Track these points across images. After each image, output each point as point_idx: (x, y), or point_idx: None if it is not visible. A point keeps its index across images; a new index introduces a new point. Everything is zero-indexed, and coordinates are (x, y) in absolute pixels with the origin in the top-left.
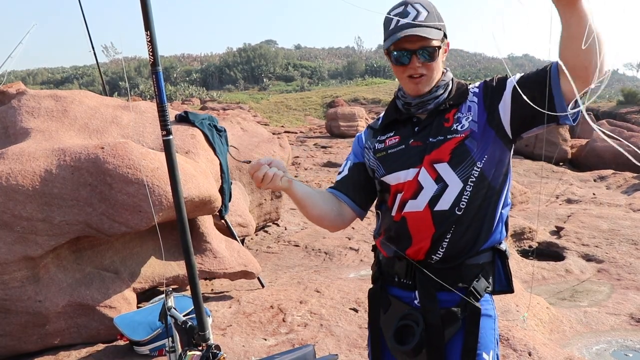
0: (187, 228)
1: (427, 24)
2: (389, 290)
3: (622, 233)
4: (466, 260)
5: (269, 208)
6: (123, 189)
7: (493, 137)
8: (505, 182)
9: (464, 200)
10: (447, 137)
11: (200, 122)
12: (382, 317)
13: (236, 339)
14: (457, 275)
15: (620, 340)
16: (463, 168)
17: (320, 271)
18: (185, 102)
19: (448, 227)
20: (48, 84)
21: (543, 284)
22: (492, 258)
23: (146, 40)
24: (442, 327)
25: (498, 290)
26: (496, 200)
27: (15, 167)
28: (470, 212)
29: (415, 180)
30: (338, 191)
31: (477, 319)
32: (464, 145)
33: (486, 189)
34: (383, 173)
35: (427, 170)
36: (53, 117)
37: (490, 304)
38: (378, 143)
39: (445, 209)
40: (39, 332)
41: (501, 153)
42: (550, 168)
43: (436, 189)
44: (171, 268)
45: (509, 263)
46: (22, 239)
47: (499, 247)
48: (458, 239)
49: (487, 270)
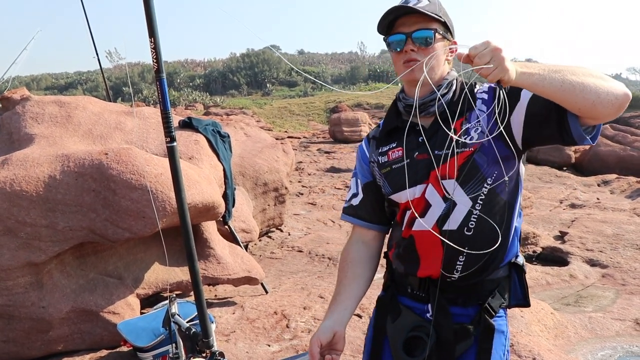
0: (190, 234)
1: (426, 9)
2: (400, 299)
3: (626, 238)
4: (484, 277)
5: (272, 213)
6: (127, 194)
7: (504, 149)
8: (517, 194)
9: (473, 220)
10: (456, 151)
11: (203, 127)
12: (390, 326)
13: (240, 345)
14: (473, 291)
15: (625, 346)
16: (472, 185)
17: (324, 277)
18: (188, 108)
19: (459, 250)
20: (52, 89)
21: (547, 289)
22: (508, 272)
23: (150, 48)
24: (454, 342)
25: (514, 304)
26: (510, 215)
27: (20, 172)
28: (483, 232)
29: (422, 198)
30: (361, 220)
31: (490, 336)
32: (473, 160)
33: (498, 205)
34: (390, 191)
35: (435, 187)
36: (57, 123)
37: (504, 319)
38: (381, 156)
39: (453, 229)
40: (43, 338)
41: (512, 165)
42: (554, 173)
43: (444, 207)
44: (175, 274)
45: (525, 277)
46: (25, 245)
47: (516, 261)
48: (473, 260)
49: (504, 285)
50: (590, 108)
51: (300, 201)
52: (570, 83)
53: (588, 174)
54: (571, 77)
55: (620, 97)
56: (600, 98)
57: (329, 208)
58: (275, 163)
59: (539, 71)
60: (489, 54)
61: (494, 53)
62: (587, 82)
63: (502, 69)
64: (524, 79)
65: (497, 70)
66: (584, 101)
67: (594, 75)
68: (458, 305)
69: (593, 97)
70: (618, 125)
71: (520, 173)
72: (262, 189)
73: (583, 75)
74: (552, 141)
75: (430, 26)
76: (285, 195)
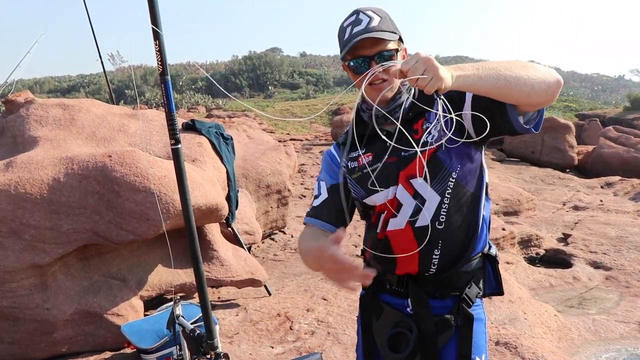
0: (195, 236)
1: (381, 28)
2: (381, 296)
3: (630, 240)
4: (459, 269)
5: (275, 216)
6: (130, 197)
7: (464, 145)
8: (482, 185)
9: (443, 213)
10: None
11: (207, 130)
12: (375, 324)
13: (243, 347)
14: (450, 283)
15: (630, 349)
16: (438, 181)
17: (327, 279)
18: (191, 110)
19: (433, 242)
20: (55, 92)
21: (551, 291)
22: (482, 264)
23: (155, 50)
24: (435, 334)
25: (489, 293)
26: (477, 206)
27: (24, 175)
28: (453, 224)
29: (394, 198)
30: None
31: (470, 325)
32: (437, 157)
33: (464, 197)
34: (363, 195)
35: (404, 187)
36: (61, 126)
37: (481, 307)
38: (351, 162)
39: (425, 225)
40: (47, 340)
41: (473, 158)
42: (557, 175)
43: (415, 204)
44: (178, 276)
45: (498, 267)
46: (30, 247)
47: (489, 252)
48: (449, 252)
49: (478, 276)
50: (526, 99)
51: (303, 203)
52: (505, 79)
53: (591, 176)
54: (506, 73)
55: (552, 85)
56: (534, 89)
57: None
58: (278, 165)
59: (474, 71)
60: (422, 66)
61: (426, 64)
62: (520, 75)
63: (437, 79)
64: (460, 82)
65: (433, 81)
66: (520, 94)
67: (527, 67)
68: (436, 298)
69: (527, 89)
70: (622, 127)
71: (483, 164)
72: (265, 191)
73: (516, 69)
74: (501, 133)
75: (389, 46)
76: (288, 197)
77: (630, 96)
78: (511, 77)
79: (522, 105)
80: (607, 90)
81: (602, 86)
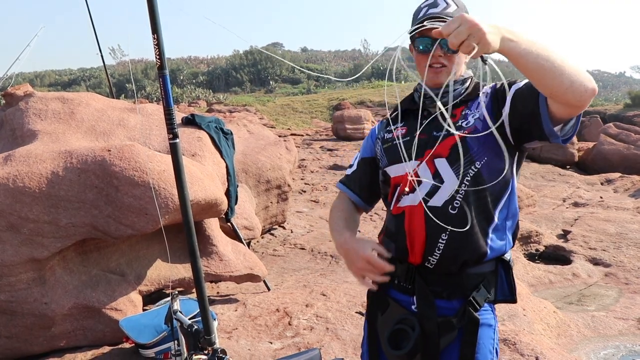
0: (193, 231)
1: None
2: (389, 292)
3: (629, 237)
4: (468, 269)
5: (275, 211)
6: (129, 191)
7: (495, 140)
8: (505, 190)
9: (458, 199)
10: (451, 132)
11: (206, 124)
12: (379, 319)
13: (242, 342)
14: (458, 284)
15: (628, 345)
16: (459, 165)
17: (326, 274)
18: (191, 105)
19: (441, 226)
20: (55, 85)
21: (550, 287)
22: (494, 267)
23: (153, 44)
24: (438, 335)
25: (500, 299)
26: (494, 207)
27: (22, 169)
28: (467, 215)
29: (415, 174)
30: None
31: (475, 329)
32: (465, 142)
33: (483, 192)
34: (386, 164)
35: (427, 165)
36: (60, 120)
37: (491, 313)
38: (387, 133)
39: (438, 206)
40: (45, 334)
41: (502, 158)
42: (557, 171)
43: (432, 184)
44: (177, 271)
45: (512, 273)
46: (28, 241)
47: (503, 257)
48: (455, 242)
49: (490, 279)
50: (561, 92)
51: (303, 199)
52: (552, 63)
53: (591, 173)
54: (555, 58)
55: (588, 90)
56: (574, 86)
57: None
58: (278, 160)
59: (527, 44)
60: (466, 30)
61: (471, 29)
62: (566, 67)
63: (484, 44)
64: (507, 47)
65: (479, 47)
66: (560, 85)
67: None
68: (443, 298)
69: (568, 83)
70: (622, 124)
71: (514, 173)
72: (265, 186)
73: (566, 59)
74: (532, 136)
75: None
76: (288, 192)
77: (631, 93)
78: (558, 65)
79: (555, 97)
80: (608, 87)
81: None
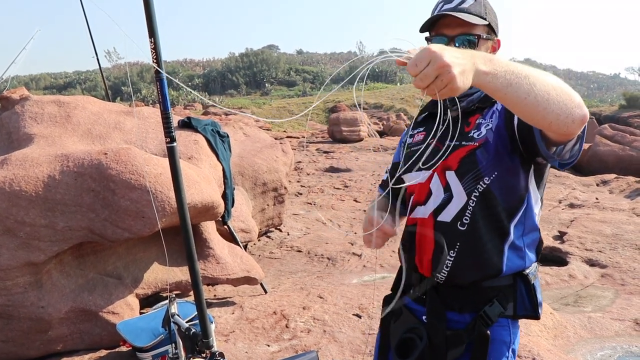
0: (190, 234)
1: (469, 11)
2: (404, 300)
3: (625, 238)
4: (481, 283)
5: (271, 213)
6: (126, 194)
7: (508, 153)
8: (520, 206)
9: (467, 215)
10: (462, 143)
11: (203, 127)
12: (392, 326)
13: (239, 345)
14: (470, 297)
15: (625, 346)
16: (468, 180)
17: (323, 277)
18: (187, 107)
19: (450, 243)
20: (51, 89)
21: (546, 289)
22: (512, 282)
23: (150, 48)
24: (445, 348)
25: (522, 315)
26: (508, 222)
27: (19, 172)
28: (477, 231)
29: (427, 185)
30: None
31: (485, 344)
32: (474, 155)
33: (495, 209)
34: (403, 171)
35: (439, 176)
36: (56, 123)
37: (507, 329)
38: (410, 138)
39: (447, 221)
40: (42, 338)
41: (516, 173)
42: (553, 172)
43: (443, 197)
44: (174, 274)
45: (534, 287)
46: (25, 245)
47: (523, 272)
48: (465, 260)
49: (506, 294)
50: (547, 127)
51: (299, 201)
52: (535, 97)
53: (587, 174)
54: (539, 90)
55: (576, 121)
56: (560, 119)
57: (328, 208)
58: (274, 163)
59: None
60: (433, 72)
61: (440, 71)
62: (551, 99)
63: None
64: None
65: (446, 91)
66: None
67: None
68: (455, 310)
69: (552, 118)
70: (617, 125)
71: (530, 189)
72: (261, 188)
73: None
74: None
75: (474, 31)
76: (284, 195)
77: (625, 94)
78: (541, 98)
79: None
80: (603, 88)
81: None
